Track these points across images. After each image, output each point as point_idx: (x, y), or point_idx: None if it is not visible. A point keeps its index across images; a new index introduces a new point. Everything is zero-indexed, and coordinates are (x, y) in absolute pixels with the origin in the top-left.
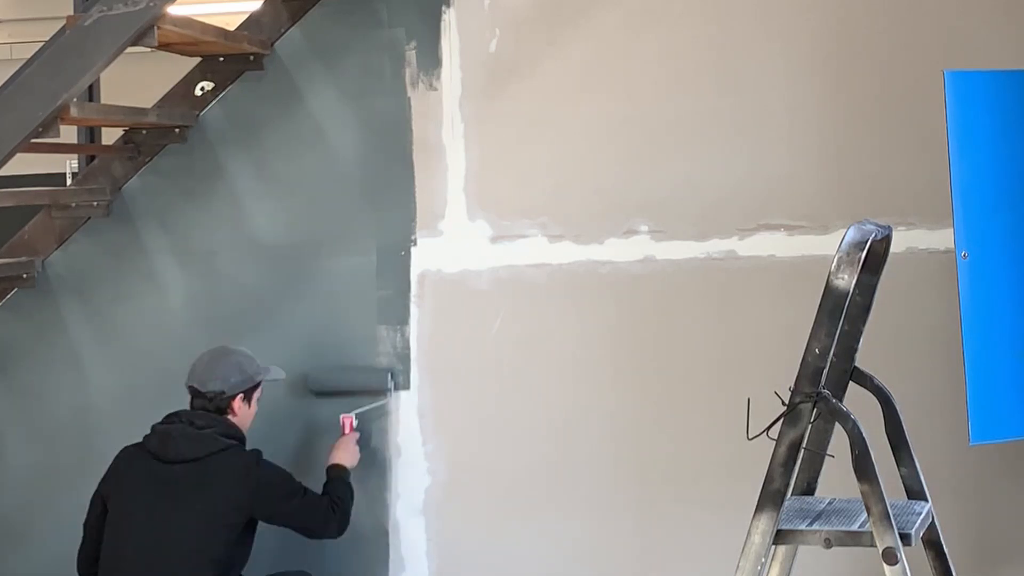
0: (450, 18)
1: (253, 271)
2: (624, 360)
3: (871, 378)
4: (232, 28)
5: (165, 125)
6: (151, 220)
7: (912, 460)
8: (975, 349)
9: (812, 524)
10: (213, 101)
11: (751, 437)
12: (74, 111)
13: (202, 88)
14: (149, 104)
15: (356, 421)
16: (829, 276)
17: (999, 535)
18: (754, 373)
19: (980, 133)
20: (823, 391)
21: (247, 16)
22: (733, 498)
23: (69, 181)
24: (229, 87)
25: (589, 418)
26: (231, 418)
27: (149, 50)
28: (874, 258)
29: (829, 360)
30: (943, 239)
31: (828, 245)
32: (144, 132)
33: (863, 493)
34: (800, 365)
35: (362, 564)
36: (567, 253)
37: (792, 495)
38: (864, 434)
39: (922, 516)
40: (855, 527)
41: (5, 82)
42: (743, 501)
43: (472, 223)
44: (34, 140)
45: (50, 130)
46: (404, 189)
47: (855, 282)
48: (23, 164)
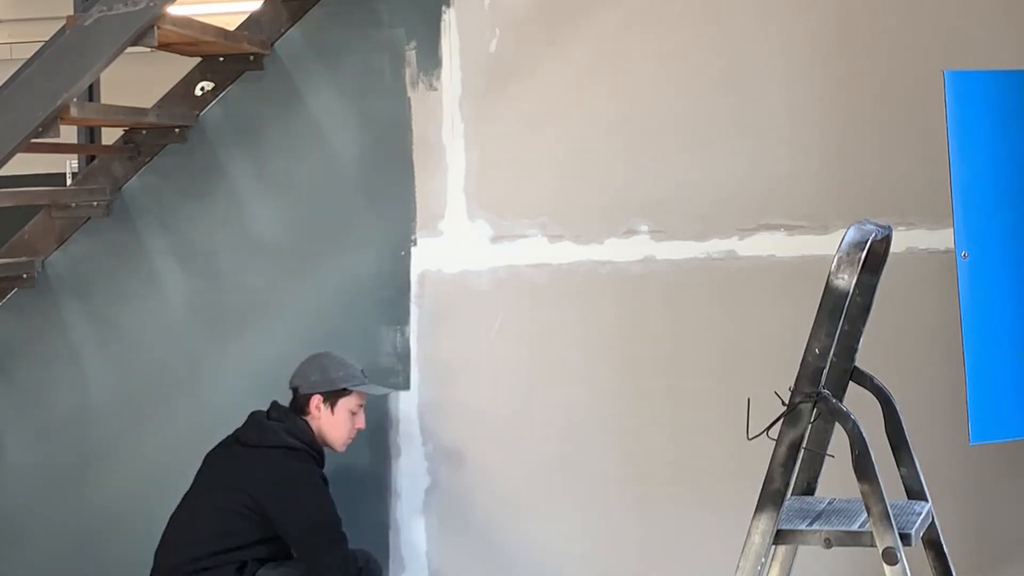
0: (450, 18)
1: (253, 271)
2: (624, 360)
3: (871, 378)
4: (232, 28)
5: (165, 125)
6: (151, 220)
7: (912, 460)
8: (975, 349)
9: (812, 524)
10: (213, 101)
11: (751, 437)
12: (74, 111)
13: (202, 88)
14: (149, 104)
15: None
16: (829, 276)
17: (999, 535)
18: (754, 373)
19: (980, 133)
20: (823, 391)
21: (247, 16)
22: (733, 498)
23: (69, 181)
24: (229, 87)
25: (589, 418)
26: (309, 419)
27: (149, 50)
28: (874, 258)
29: (829, 360)
30: (943, 239)
31: (828, 245)
32: (144, 132)
33: (863, 493)
34: (800, 365)
35: None
36: (567, 253)
37: (792, 495)
38: (864, 434)
39: (922, 516)
40: (855, 527)
41: (5, 82)
42: (743, 501)
43: (472, 223)
44: (34, 140)
45: (50, 130)
46: (404, 189)
47: (855, 282)
48: (23, 164)
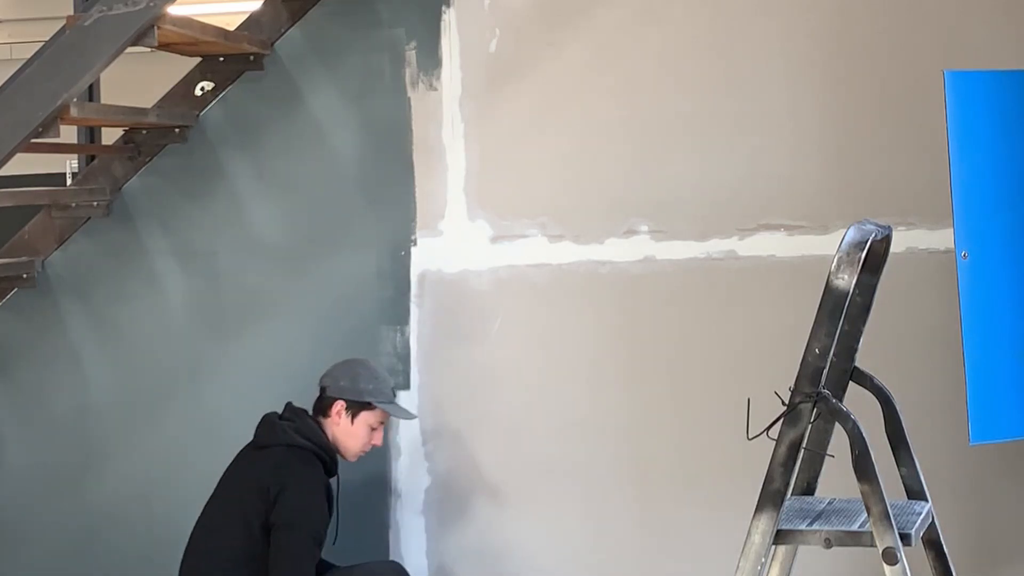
0: (450, 18)
1: (253, 271)
2: (624, 360)
3: (871, 378)
4: (232, 28)
5: (165, 125)
6: (151, 220)
7: (912, 460)
8: (975, 349)
9: (812, 524)
10: (213, 101)
11: (751, 437)
12: (74, 111)
13: (202, 88)
14: (149, 104)
15: None
16: (829, 276)
17: (999, 535)
18: (754, 373)
19: (980, 133)
20: (823, 391)
21: (247, 16)
22: (733, 498)
23: (69, 181)
24: (229, 87)
25: (590, 418)
26: (328, 423)
27: (149, 50)
28: (874, 258)
29: (829, 360)
30: (943, 239)
31: (828, 245)
32: (144, 132)
33: (863, 493)
34: (800, 365)
35: None
36: (567, 253)
37: (792, 495)
38: (864, 434)
39: (922, 516)
40: (855, 527)
41: (5, 82)
42: (743, 501)
43: (472, 223)
44: (34, 140)
45: (50, 130)
46: (404, 189)
47: (855, 282)
48: (23, 164)
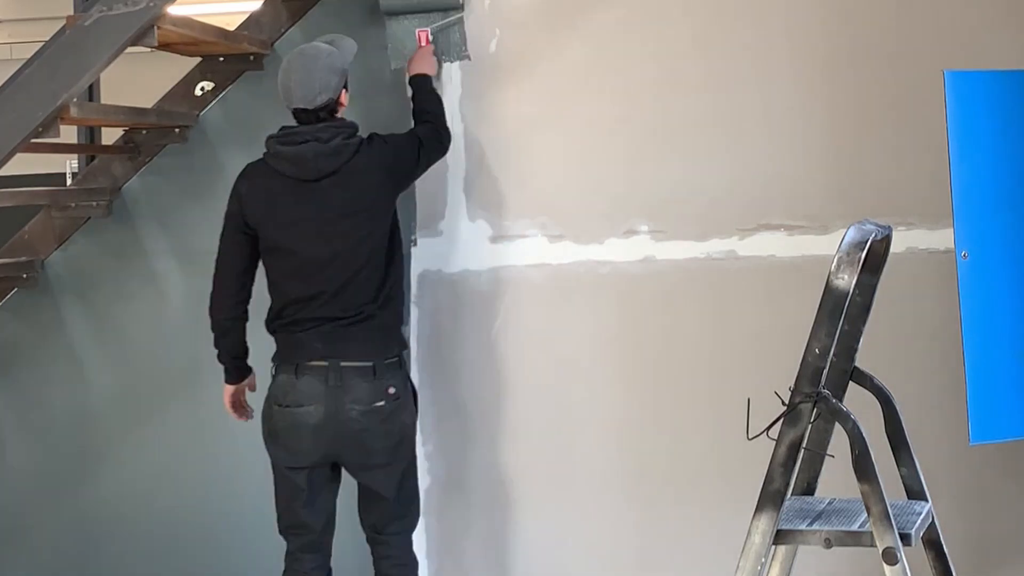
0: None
1: None
2: (624, 360)
3: (871, 378)
4: (232, 28)
5: (165, 125)
6: (151, 220)
7: (912, 460)
8: (975, 349)
9: (812, 524)
10: (213, 101)
11: (751, 437)
12: (74, 111)
13: (202, 88)
14: (149, 104)
15: (431, 36)
16: (829, 276)
17: (999, 535)
18: (754, 373)
19: (980, 133)
20: (823, 391)
21: (247, 16)
22: (733, 498)
23: (69, 181)
24: (229, 87)
25: (589, 418)
26: (339, 112)
27: (149, 50)
28: (874, 258)
29: (829, 360)
30: (943, 239)
31: (828, 245)
32: (144, 132)
33: (863, 493)
34: (800, 365)
35: (363, 564)
36: (567, 253)
37: (792, 495)
38: (864, 434)
39: (922, 516)
40: (855, 527)
41: (5, 82)
42: (743, 501)
43: (472, 223)
44: (34, 140)
45: (50, 130)
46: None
47: (855, 282)
48: (23, 164)
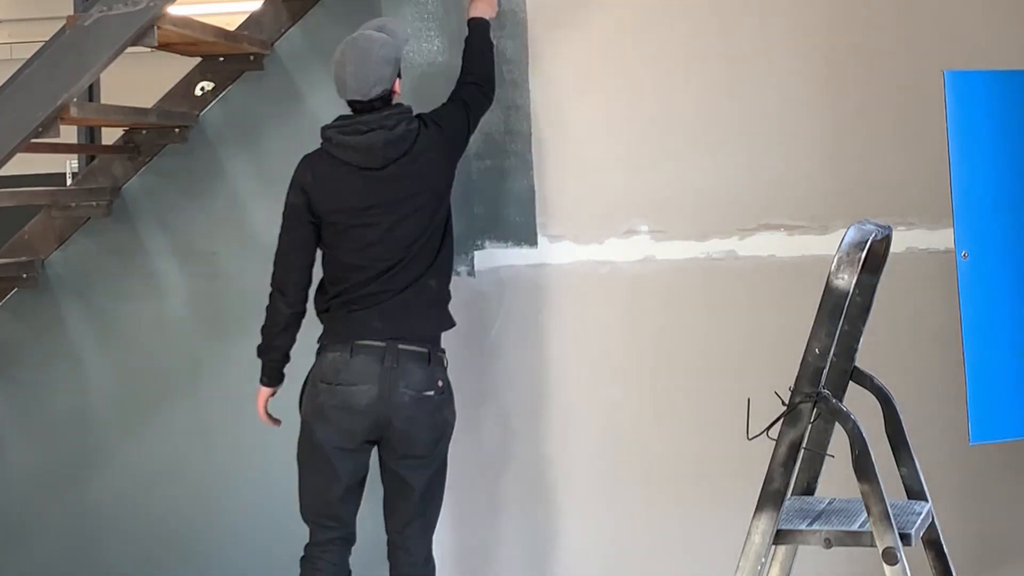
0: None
1: (253, 271)
2: (624, 360)
3: (871, 378)
4: (232, 28)
5: (165, 125)
6: (151, 220)
7: (912, 460)
8: (975, 349)
9: (812, 524)
10: (213, 101)
11: (751, 437)
12: (74, 111)
13: (202, 88)
14: (149, 104)
15: None
16: (829, 276)
17: (999, 535)
18: (754, 373)
19: (980, 133)
20: (823, 391)
21: (247, 16)
22: (733, 498)
23: (69, 181)
24: (229, 87)
25: (589, 418)
26: (393, 99)
27: (149, 50)
28: (874, 258)
29: (829, 360)
30: (943, 239)
31: (828, 245)
32: (144, 132)
33: (863, 493)
34: (800, 365)
35: (363, 564)
36: (568, 253)
37: (792, 495)
38: (864, 434)
39: (922, 516)
40: (855, 527)
41: (5, 82)
42: (743, 501)
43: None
44: (34, 140)
45: (50, 130)
46: None
47: (855, 282)
48: (23, 164)
